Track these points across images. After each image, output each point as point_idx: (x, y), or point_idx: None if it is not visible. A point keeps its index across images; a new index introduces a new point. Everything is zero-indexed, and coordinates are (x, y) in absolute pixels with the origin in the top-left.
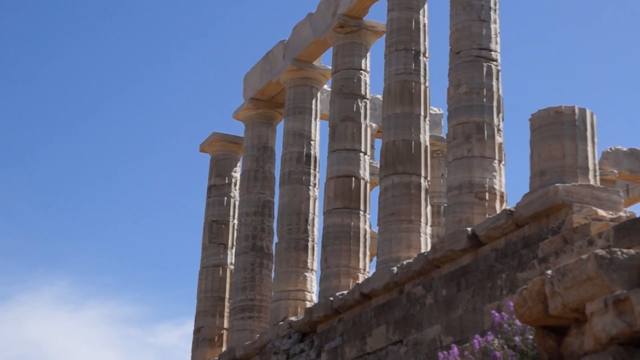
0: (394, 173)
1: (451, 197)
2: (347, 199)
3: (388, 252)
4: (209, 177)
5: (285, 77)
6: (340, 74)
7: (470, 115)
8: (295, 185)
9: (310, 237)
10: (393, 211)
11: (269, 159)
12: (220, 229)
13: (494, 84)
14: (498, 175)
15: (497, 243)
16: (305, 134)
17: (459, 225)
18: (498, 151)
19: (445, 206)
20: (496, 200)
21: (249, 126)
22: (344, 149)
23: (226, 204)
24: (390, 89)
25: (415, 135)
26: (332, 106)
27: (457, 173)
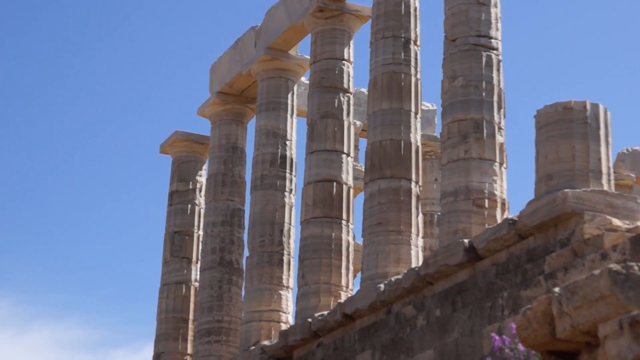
0: (381, 177)
1: (446, 205)
2: (328, 207)
3: (374, 267)
4: (170, 182)
5: (257, 68)
6: (319, 64)
7: (468, 111)
8: (268, 191)
9: (285, 250)
10: (380, 220)
11: (238, 161)
12: (183, 241)
13: (494, 76)
14: (499, 180)
15: (498, 257)
16: (280, 133)
17: (455, 236)
18: (499, 152)
19: (439, 215)
20: (497, 208)
21: (216, 124)
22: (324, 149)
23: (190, 213)
24: (377, 81)
25: (405, 134)
26: (310, 101)
27: (453, 177)
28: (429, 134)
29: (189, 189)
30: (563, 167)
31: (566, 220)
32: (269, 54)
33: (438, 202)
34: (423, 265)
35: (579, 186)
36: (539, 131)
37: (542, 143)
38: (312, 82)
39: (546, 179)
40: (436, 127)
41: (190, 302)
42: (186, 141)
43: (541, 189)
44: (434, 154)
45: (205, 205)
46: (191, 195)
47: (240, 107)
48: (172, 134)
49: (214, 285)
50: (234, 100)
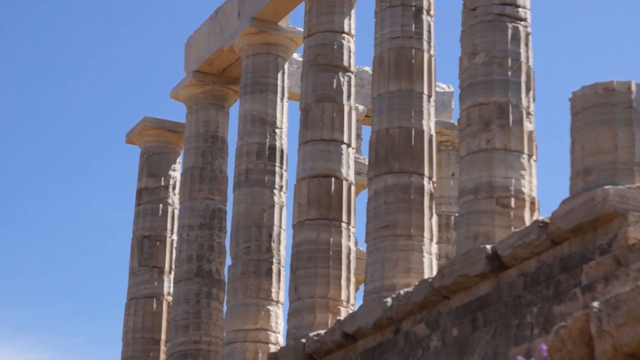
0: (388, 172)
1: (464, 204)
2: (325, 207)
3: (380, 278)
4: (138, 178)
5: (241, 43)
6: (315, 38)
7: (490, 93)
8: (254, 188)
9: (275, 257)
10: (386, 223)
11: (219, 152)
12: (153, 247)
13: (522, 52)
14: (527, 175)
15: (526, 266)
16: (268, 120)
17: (475, 241)
18: (527, 142)
19: (457, 216)
20: (525, 209)
21: (192, 109)
22: (321, 139)
23: (162, 214)
24: (383, 58)
25: (416, 121)
26: (304, 82)
27: (473, 172)
28: (445, 121)
29: (161, 185)
30: (603, 160)
31: (607, 222)
32: (254, 26)
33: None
34: (438, 276)
35: (622, 182)
36: (575, 117)
37: (578, 131)
38: (306, 59)
39: (583, 174)
40: (453, 113)
41: (163, 320)
42: (157, 129)
43: (577, 185)
44: (450, 144)
45: (179, 204)
46: (163, 193)
47: (221, 89)
48: (141, 121)
49: (191, 299)
50: (213, 80)
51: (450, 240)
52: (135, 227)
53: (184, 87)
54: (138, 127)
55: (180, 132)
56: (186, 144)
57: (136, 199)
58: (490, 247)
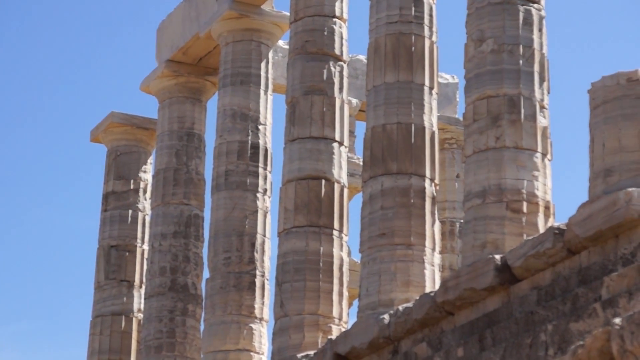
0: (385, 173)
1: (471, 210)
2: (314, 213)
3: (376, 293)
4: (104, 180)
5: (220, 29)
6: (302, 23)
7: (500, 85)
8: (235, 191)
9: (258, 269)
10: (383, 230)
11: (195, 152)
12: (122, 258)
13: (535, 38)
14: (541, 176)
15: (540, 278)
16: (250, 115)
17: (483, 251)
18: (541, 139)
19: (462, 223)
20: (538, 214)
21: (165, 103)
22: (309, 136)
23: (131, 221)
24: (379, 46)
25: (417, 116)
26: (290, 72)
27: (480, 173)
28: (449, 116)
29: (130, 189)
30: (626, 159)
31: (631, 229)
32: (235, 10)
33: (460, 205)
34: (441, 290)
35: None
36: (594, 111)
37: (598, 127)
38: (292, 47)
39: (604, 175)
40: (458, 107)
41: (132, 340)
42: (125, 125)
43: (597, 187)
44: (455, 142)
45: (151, 210)
46: (132, 198)
47: (197, 81)
48: (107, 117)
49: (164, 317)
50: (188, 71)
51: (454, 250)
52: (101, 236)
53: (155, 79)
54: (104, 123)
55: (151, 129)
56: (158, 142)
57: (102, 204)
58: (499, 258)
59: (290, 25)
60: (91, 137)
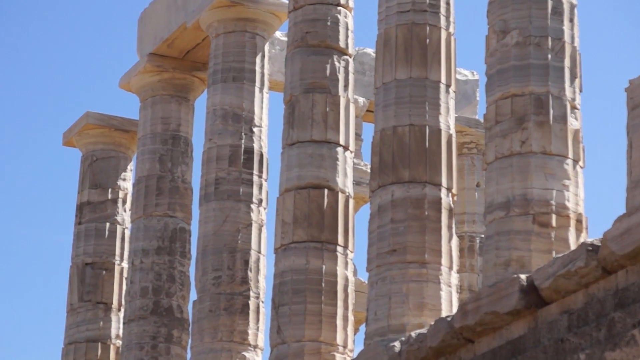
0: (396, 182)
1: (493, 223)
2: (316, 226)
3: (385, 317)
4: (79, 189)
5: (210, 18)
6: (302, 12)
7: (526, 82)
8: (226, 202)
9: (252, 290)
10: (394, 246)
11: (182, 157)
12: (98, 277)
13: (565, 29)
14: (573, 186)
15: (571, 301)
16: (243, 116)
17: (507, 270)
18: (573, 144)
19: (483, 238)
20: (569, 228)
21: (147, 102)
22: (311, 140)
23: (109, 235)
24: (389, 38)
25: (432, 117)
26: (289, 68)
27: (503, 182)
28: (468, 117)
29: (107, 199)
30: None
31: None
32: None
33: (481, 218)
34: (459, 314)
35: None
36: (632, 112)
37: (637, 130)
38: (291, 39)
39: None
40: (478, 107)
41: None
42: (102, 127)
43: (636, 198)
44: (475, 146)
45: (131, 223)
46: (110, 209)
47: (183, 77)
48: (81, 117)
49: (146, 343)
50: (174, 65)
51: (474, 269)
52: (75, 252)
53: (136, 74)
54: (78, 124)
55: (131, 132)
56: (139, 146)
57: (76, 216)
58: (525, 277)
59: (289, 15)
60: (64, 140)
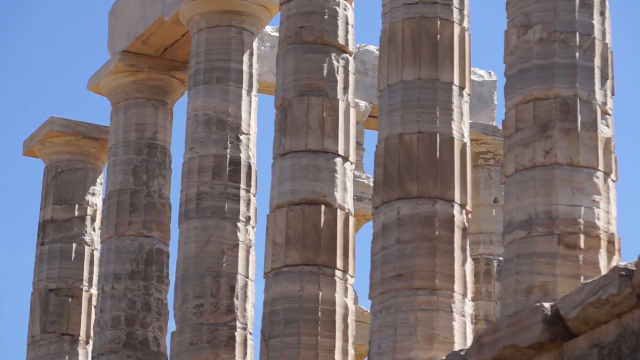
0: (402, 197)
1: (513, 244)
2: (312, 248)
3: (391, 350)
4: (41, 205)
5: (191, 11)
6: (296, 4)
7: (551, 83)
8: (209, 220)
9: (239, 321)
10: (400, 270)
11: (158, 169)
12: (63, 305)
13: (595, 24)
14: (604, 202)
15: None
16: (229, 122)
17: (528, 297)
18: (604, 155)
19: (501, 261)
20: (599, 250)
21: (119, 106)
22: (305, 149)
23: (76, 258)
24: (395, 33)
25: (443, 123)
26: (281, 67)
27: (525, 197)
28: (484, 123)
29: (74, 216)
30: None
31: None
32: None
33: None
34: (474, 347)
35: None
36: None
37: None
38: (283, 35)
39: None
40: (496, 112)
41: None
42: (68, 135)
43: None
44: (492, 156)
45: (101, 244)
46: (77, 228)
47: (160, 78)
48: (45, 123)
49: None
50: (149, 65)
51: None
52: (36, 277)
53: (107, 75)
54: (41, 131)
55: (102, 140)
56: (110, 156)
57: (38, 235)
58: (549, 306)
59: (280, 7)
60: (24, 149)
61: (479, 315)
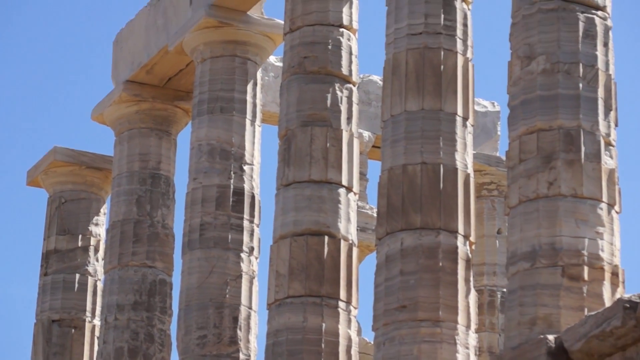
0: (406, 228)
1: (516, 276)
2: (315, 279)
3: None
4: (45, 235)
5: (195, 41)
6: (300, 34)
7: (554, 114)
8: (213, 250)
9: (242, 352)
10: (404, 302)
11: (162, 199)
12: (66, 336)
13: (599, 55)
14: (607, 234)
15: None
16: (232, 152)
17: (532, 329)
18: (608, 186)
19: (505, 292)
20: (603, 282)
21: (123, 135)
22: (309, 180)
23: (79, 288)
24: (399, 64)
25: (447, 154)
26: (285, 97)
27: (528, 228)
28: (488, 154)
29: (77, 247)
30: None
31: None
32: (213, 16)
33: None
34: None
35: None
36: None
37: None
38: (287, 65)
39: None
40: (500, 143)
41: None
42: (72, 165)
43: None
44: (496, 187)
45: (104, 275)
46: (81, 258)
47: (164, 107)
48: (48, 153)
49: None
50: (154, 94)
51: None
52: (39, 308)
53: (111, 105)
54: (45, 161)
55: (105, 170)
56: (114, 186)
57: (41, 266)
58: (553, 339)
59: (284, 37)
60: (28, 179)
61: (482, 348)
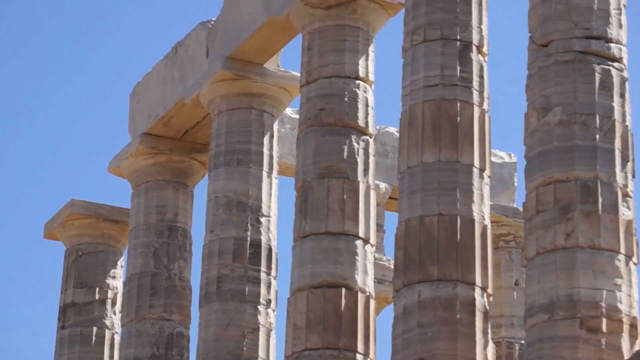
0: (423, 280)
1: (534, 328)
2: (332, 331)
3: None
4: (62, 288)
5: (211, 94)
6: (316, 86)
7: (571, 166)
8: (230, 303)
9: None
10: (421, 354)
11: (179, 252)
12: None
13: (615, 106)
14: (625, 285)
15: None
16: (249, 204)
17: None
18: (625, 237)
19: (523, 344)
20: (622, 334)
21: (140, 188)
22: (326, 232)
23: (96, 341)
24: (415, 115)
25: (464, 205)
26: (301, 149)
27: (546, 280)
28: (505, 205)
29: (95, 300)
30: None
31: None
32: (230, 69)
33: (521, 322)
34: None
35: None
36: None
37: None
38: (304, 117)
39: None
40: (517, 193)
41: None
42: (89, 217)
43: None
44: (513, 239)
45: (122, 328)
46: (98, 311)
47: (181, 160)
48: (66, 206)
49: None
50: (171, 147)
51: None
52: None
53: (128, 157)
54: (62, 214)
55: (123, 222)
56: (131, 239)
57: (59, 319)
58: None
59: (300, 89)
60: (45, 232)
61: None
